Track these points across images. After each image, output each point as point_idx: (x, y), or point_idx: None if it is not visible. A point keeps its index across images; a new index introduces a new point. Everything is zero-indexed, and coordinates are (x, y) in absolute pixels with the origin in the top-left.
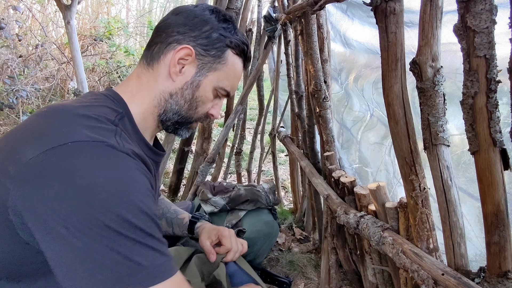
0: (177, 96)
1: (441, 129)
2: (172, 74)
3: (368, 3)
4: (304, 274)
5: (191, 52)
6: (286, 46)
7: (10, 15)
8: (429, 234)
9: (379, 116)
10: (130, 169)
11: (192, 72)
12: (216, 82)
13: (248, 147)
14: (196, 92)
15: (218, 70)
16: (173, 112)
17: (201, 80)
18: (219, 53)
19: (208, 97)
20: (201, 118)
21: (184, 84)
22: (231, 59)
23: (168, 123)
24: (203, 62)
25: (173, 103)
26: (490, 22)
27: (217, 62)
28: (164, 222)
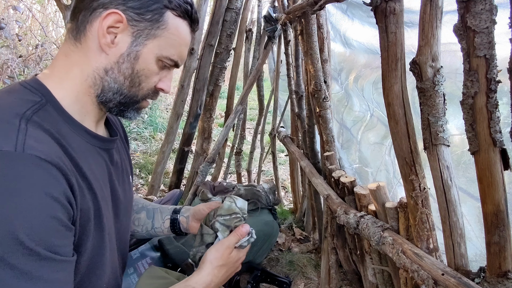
0: (113, 72)
1: (441, 129)
2: (104, 46)
3: (368, 3)
4: (304, 274)
5: (121, 18)
6: (286, 46)
7: (10, 15)
8: (429, 234)
9: (379, 116)
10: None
11: (127, 42)
12: (158, 51)
13: (248, 147)
14: (136, 65)
15: (158, 37)
16: (113, 92)
17: (139, 50)
18: (157, 16)
19: (151, 69)
20: (148, 95)
21: (120, 57)
22: (172, 22)
23: (110, 105)
24: (138, 29)
25: (111, 81)
26: (490, 22)
27: (156, 27)
28: (143, 214)
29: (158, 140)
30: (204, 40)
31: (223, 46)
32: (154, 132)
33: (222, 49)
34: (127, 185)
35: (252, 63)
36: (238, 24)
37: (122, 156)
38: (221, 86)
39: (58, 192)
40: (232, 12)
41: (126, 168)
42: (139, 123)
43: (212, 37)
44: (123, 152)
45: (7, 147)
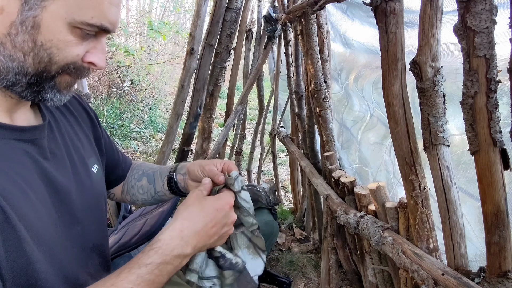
0: (5, 48)
1: (441, 129)
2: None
3: (368, 3)
4: (304, 274)
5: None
6: (286, 46)
7: None
8: (429, 234)
9: (379, 116)
10: None
11: (16, 6)
12: (67, 14)
13: (248, 147)
14: (37, 36)
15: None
16: (14, 72)
17: (36, 15)
18: None
19: (64, 39)
20: (69, 70)
21: (10, 27)
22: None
23: (18, 89)
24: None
25: (6, 60)
26: (490, 22)
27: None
28: (145, 180)
29: (158, 140)
30: (204, 40)
31: (223, 46)
32: (154, 132)
33: (222, 49)
34: (85, 179)
35: (252, 63)
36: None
37: (76, 144)
38: (221, 86)
39: None
40: (232, 12)
41: (83, 158)
42: (139, 123)
43: (212, 37)
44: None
45: None
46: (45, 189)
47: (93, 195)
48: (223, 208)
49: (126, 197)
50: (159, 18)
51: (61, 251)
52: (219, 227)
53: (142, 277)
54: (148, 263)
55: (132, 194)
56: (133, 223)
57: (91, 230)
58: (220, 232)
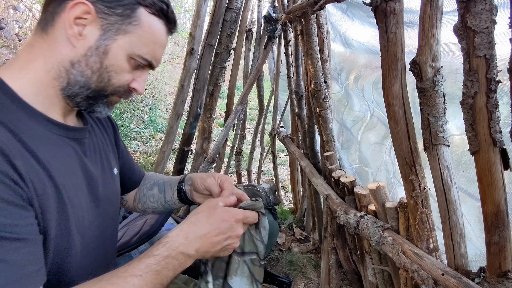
0: (80, 65)
1: (441, 129)
2: (71, 37)
3: (368, 3)
4: (304, 274)
5: (89, 9)
6: (286, 46)
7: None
8: (429, 234)
9: (379, 116)
10: None
11: (96, 35)
12: (129, 48)
13: (248, 147)
14: (104, 60)
15: (130, 33)
16: (79, 85)
17: (108, 44)
18: (128, 11)
19: (122, 66)
20: (119, 92)
21: (88, 50)
22: (146, 20)
23: (78, 99)
24: (108, 22)
25: (77, 74)
26: (490, 22)
27: (127, 23)
28: (156, 190)
29: (158, 140)
30: (204, 40)
31: (223, 46)
32: (154, 132)
33: (222, 49)
34: (109, 178)
35: (252, 63)
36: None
37: (105, 148)
38: (221, 86)
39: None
40: (232, 12)
41: (109, 160)
42: (139, 123)
43: (212, 37)
44: (107, 144)
45: None
46: (83, 180)
47: (113, 192)
48: (228, 221)
49: (137, 205)
50: None
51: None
52: (223, 238)
53: (150, 266)
54: (156, 254)
55: (144, 202)
56: (133, 223)
57: (108, 223)
58: (223, 243)
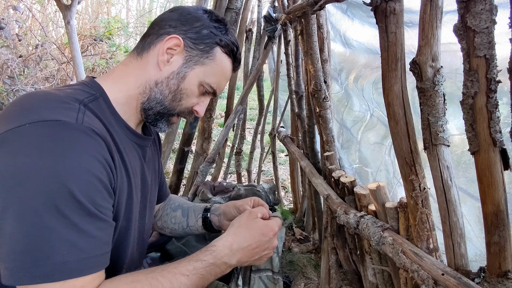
0: (162, 85)
1: (441, 129)
2: (160, 63)
3: (368, 3)
4: (304, 274)
5: (180, 43)
6: (286, 46)
7: (10, 15)
8: (429, 234)
9: (379, 116)
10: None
11: (180, 63)
12: (202, 76)
13: (248, 147)
14: (181, 84)
15: (205, 65)
16: (156, 101)
17: (187, 72)
18: (208, 48)
19: (193, 90)
20: (184, 113)
21: (171, 74)
22: (219, 56)
23: (150, 112)
24: (191, 54)
25: (158, 92)
26: (490, 22)
27: (205, 57)
28: (179, 212)
29: None
30: None
31: None
32: None
33: None
34: (154, 184)
35: (252, 63)
36: (238, 24)
37: (155, 159)
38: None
39: (103, 158)
40: (232, 12)
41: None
42: None
43: None
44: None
45: (69, 119)
46: (140, 180)
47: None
48: (268, 234)
49: (157, 222)
50: None
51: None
52: (261, 249)
53: (197, 269)
54: (203, 260)
55: (164, 221)
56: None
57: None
58: (261, 254)
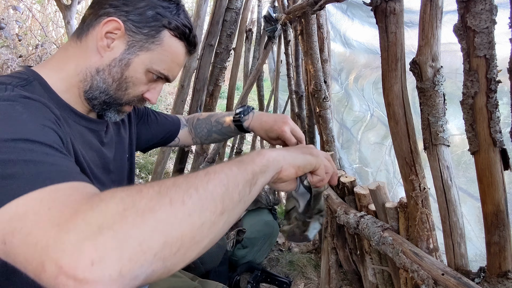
0: (104, 73)
1: (441, 129)
2: (100, 48)
3: (368, 3)
4: (304, 274)
5: (120, 26)
6: (286, 46)
7: (10, 15)
8: (429, 234)
9: (379, 116)
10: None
11: (121, 49)
12: (149, 63)
13: (248, 147)
14: (125, 71)
15: (151, 51)
16: (100, 91)
17: (131, 58)
18: (153, 32)
19: (139, 78)
20: (133, 101)
21: (112, 61)
22: (168, 41)
23: (95, 102)
24: (134, 39)
25: (100, 80)
26: (490, 22)
27: (150, 41)
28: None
29: None
30: (204, 40)
31: (223, 46)
32: None
33: (222, 49)
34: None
35: (252, 63)
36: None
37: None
38: (221, 86)
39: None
40: (232, 12)
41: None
42: None
43: (212, 37)
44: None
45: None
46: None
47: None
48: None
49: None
50: None
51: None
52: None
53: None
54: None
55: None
56: None
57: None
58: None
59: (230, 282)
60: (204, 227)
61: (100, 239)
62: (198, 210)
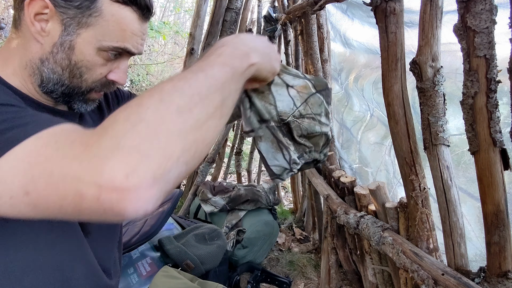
0: (49, 63)
1: (441, 129)
2: (35, 34)
3: (368, 3)
4: (304, 274)
5: (46, 3)
6: (286, 46)
7: (10, 15)
8: (429, 234)
9: (379, 116)
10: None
11: (58, 31)
12: (96, 41)
13: (248, 147)
14: (72, 56)
15: (92, 26)
16: (53, 82)
17: (72, 40)
18: (87, 3)
19: (92, 60)
20: (97, 87)
21: (53, 47)
22: (109, 9)
23: (54, 95)
24: (67, 16)
25: (48, 72)
26: (490, 22)
27: (87, 15)
28: None
29: None
30: (204, 40)
31: None
32: None
33: None
34: None
35: None
36: (238, 24)
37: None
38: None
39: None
40: (232, 12)
41: None
42: None
43: (212, 37)
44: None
45: None
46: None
47: None
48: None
49: None
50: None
51: None
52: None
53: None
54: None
55: None
56: (133, 223)
57: None
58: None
59: (230, 282)
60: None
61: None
62: (205, 115)
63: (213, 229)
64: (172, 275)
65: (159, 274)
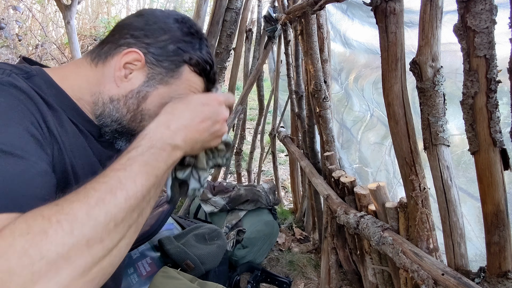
0: (118, 103)
1: (441, 129)
2: (117, 78)
3: (368, 3)
4: (304, 274)
5: (140, 58)
6: (286, 46)
7: (10, 15)
8: (429, 234)
9: (379, 116)
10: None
11: (140, 81)
12: (167, 97)
13: (248, 147)
14: (142, 104)
15: (170, 84)
16: (112, 119)
17: (149, 91)
18: (173, 66)
19: (156, 112)
20: None
21: (129, 92)
22: (187, 75)
23: (106, 129)
24: (154, 72)
25: (113, 110)
26: (490, 22)
27: (170, 75)
28: None
29: None
30: None
31: (223, 46)
32: None
33: (222, 49)
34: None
35: (252, 63)
36: (238, 24)
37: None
38: (221, 86)
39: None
40: (232, 12)
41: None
42: None
43: (212, 37)
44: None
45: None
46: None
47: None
48: (210, 104)
49: None
50: None
51: None
52: (209, 124)
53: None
54: (137, 146)
55: None
56: None
57: None
58: (211, 129)
59: (230, 282)
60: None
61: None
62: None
63: (213, 229)
64: (172, 275)
65: (158, 275)
